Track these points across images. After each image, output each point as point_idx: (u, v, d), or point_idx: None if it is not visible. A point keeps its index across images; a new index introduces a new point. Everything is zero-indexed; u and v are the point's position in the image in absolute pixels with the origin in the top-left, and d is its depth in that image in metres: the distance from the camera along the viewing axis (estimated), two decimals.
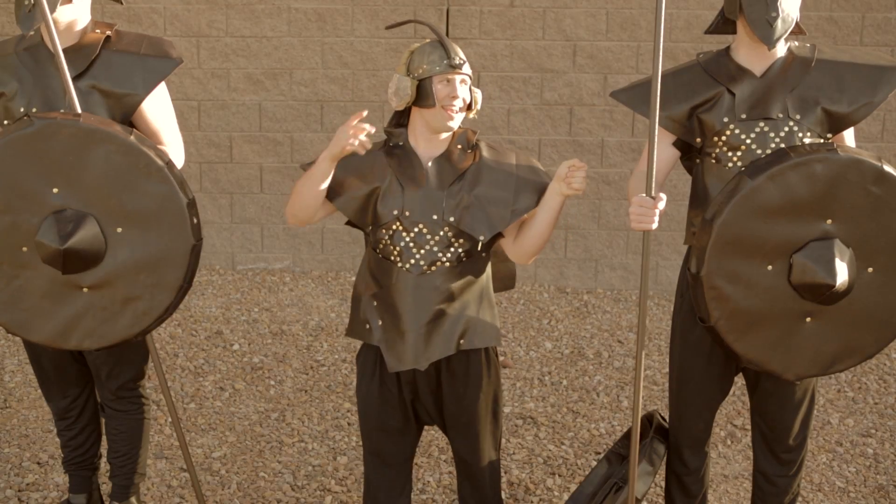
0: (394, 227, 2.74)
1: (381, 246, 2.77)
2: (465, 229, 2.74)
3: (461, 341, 2.78)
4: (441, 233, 2.73)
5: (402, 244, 2.74)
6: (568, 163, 2.66)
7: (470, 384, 2.84)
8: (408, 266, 2.74)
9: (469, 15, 5.74)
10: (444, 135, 2.78)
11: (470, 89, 2.75)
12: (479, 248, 2.79)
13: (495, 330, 2.86)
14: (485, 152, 2.82)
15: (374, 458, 2.94)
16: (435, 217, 2.73)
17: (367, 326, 2.80)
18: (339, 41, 5.84)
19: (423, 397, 2.87)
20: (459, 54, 2.73)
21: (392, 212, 2.73)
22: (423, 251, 2.73)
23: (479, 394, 2.85)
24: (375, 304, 2.79)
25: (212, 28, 5.83)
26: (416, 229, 2.73)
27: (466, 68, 2.72)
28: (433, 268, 2.75)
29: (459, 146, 2.80)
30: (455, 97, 2.69)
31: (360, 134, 2.57)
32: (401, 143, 2.80)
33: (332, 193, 2.77)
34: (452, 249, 2.75)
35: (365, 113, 2.60)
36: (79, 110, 2.72)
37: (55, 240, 2.65)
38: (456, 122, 2.72)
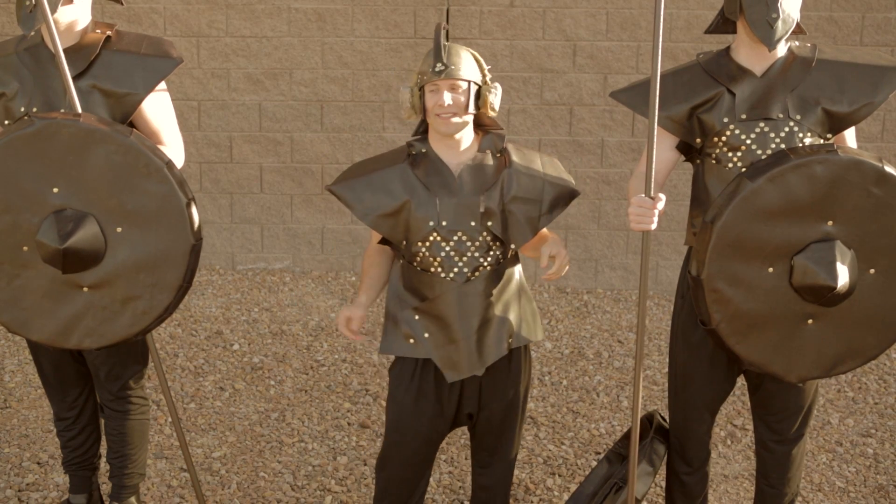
0: (430, 238, 2.72)
1: (418, 258, 2.75)
2: (501, 235, 2.74)
3: (510, 340, 2.80)
4: (480, 238, 2.73)
5: (443, 254, 2.72)
6: (548, 253, 2.68)
7: (511, 379, 2.86)
8: (452, 275, 2.73)
9: (469, 15, 5.74)
10: (467, 139, 2.75)
11: (469, 91, 2.67)
12: (512, 252, 2.80)
13: (538, 323, 2.88)
14: (514, 156, 2.80)
15: (403, 465, 2.91)
16: (473, 223, 2.71)
17: (412, 341, 2.79)
18: (339, 41, 5.84)
19: (468, 400, 2.87)
20: (444, 59, 2.67)
21: (428, 223, 2.71)
22: (465, 258, 2.73)
23: (520, 387, 2.89)
24: (417, 318, 2.78)
25: (212, 28, 5.83)
26: (455, 237, 2.71)
27: (454, 73, 2.65)
28: (476, 273, 2.74)
29: (489, 151, 2.78)
30: (440, 105, 2.65)
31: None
32: (424, 151, 2.77)
33: (361, 214, 2.76)
34: (492, 253, 2.75)
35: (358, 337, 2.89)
36: (79, 110, 2.72)
37: (55, 239, 2.65)
38: (453, 127, 2.68)
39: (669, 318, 5.38)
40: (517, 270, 2.85)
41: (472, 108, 2.68)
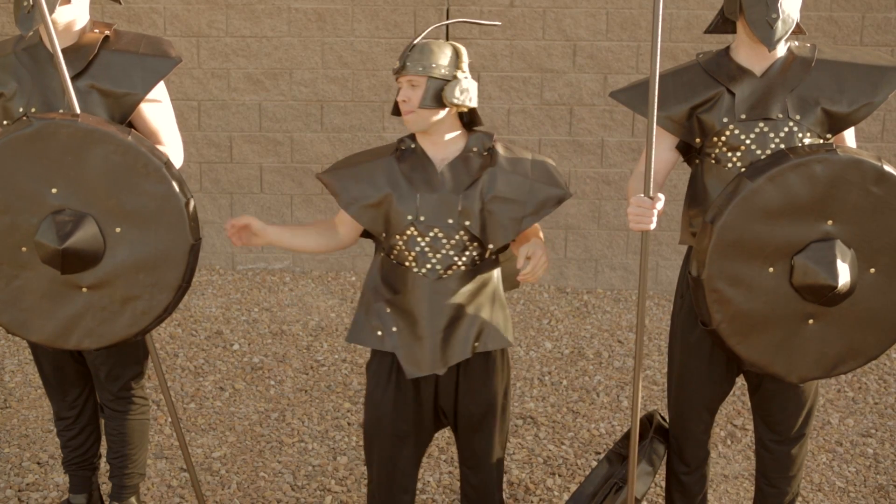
0: (408, 232, 2.73)
1: (395, 252, 2.76)
2: (479, 235, 2.74)
3: (476, 344, 2.79)
4: (457, 237, 2.73)
5: (418, 249, 2.73)
6: (525, 254, 2.64)
7: (487, 381, 2.85)
8: (424, 271, 2.73)
9: (469, 15, 5.74)
10: (449, 135, 2.76)
11: (425, 86, 2.68)
12: (491, 254, 2.80)
13: (508, 330, 2.87)
14: (501, 155, 2.78)
15: (385, 464, 2.91)
16: (450, 221, 2.72)
17: (379, 333, 2.79)
18: (339, 41, 5.84)
19: (443, 398, 2.87)
20: (405, 57, 2.70)
21: (406, 217, 2.72)
22: (439, 255, 2.73)
23: (495, 390, 2.87)
24: (389, 310, 2.78)
25: (212, 28, 5.83)
26: (431, 233, 2.72)
27: (409, 69, 2.68)
28: (449, 272, 2.74)
29: (475, 149, 2.77)
30: (401, 101, 2.71)
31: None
32: (412, 147, 2.79)
33: (345, 203, 2.78)
34: (468, 253, 2.75)
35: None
36: (77, 110, 2.71)
37: (54, 240, 2.65)
38: (412, 123, 2.71)
39: (669, 318, 5.39)
40: (495, 275, 2.83)
41: (426, 104, 2.68)
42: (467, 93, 2.70)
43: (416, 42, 2.71)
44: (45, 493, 3.63)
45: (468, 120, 2.84)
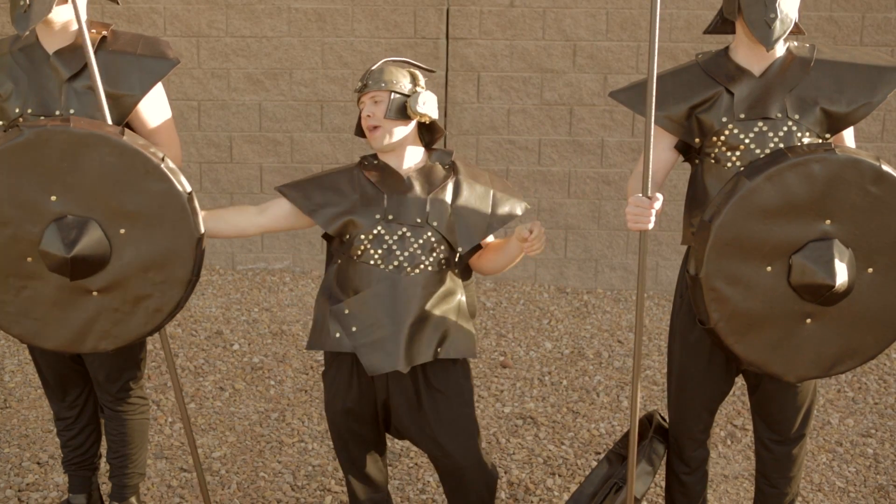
0: (375, 230, 2.78)
1: (359, 252, 2.80)
2: (447, 237, 2.81)
3: (439, 349, 2.81)
4: (424, 236, 2.79)
5: (385, 247, 2.78)
6: (526, 227, 2.73)
7: (451, 392, 2.87)
8: (391, 268, 2.77)
9: (469, 15, 5.74)
10: (411, 151, 2.87)
11: (388, 101, 2.80)
12: (457, 258, 2.87)
13: (472, 342, 2.89)
14: (461, 168, 2.92)
15: (358, 464, 3.02)
16: (419, 220, 2.79)
17: (337, 335, 2.80)
18: (339, 41, 5.84)
19: (396, 408, 2.89)
20: (365, 78, 2.84)
21: (374, 216, 2.78)
22: (406, 253, 2.78)
23: (461, 399, 2.89)
24: (347, 311, 2.80)
25: (212, 28, 5.83)
26: (400, 232, 2.78)
27: (376, 86, 2.82)
28: (416, 270, 2.78)
29: (437, 163, 2.91)
30: (366, 116, 2.82)
31: None
32: (375, 163, 2.89)
33: (308, 210, 2.84)
34: (434, 254, 2.80)
35: None
36: (109, 120, 2.72)
37: (61, 248, 2.63)
38: (379, 139, 2.82)
39: (669, 318, 5.38)
40: (460, 292, 2.89)
41: (390, 115, 2.80)
42: (428, 104, 2.83)
43: (373, 68, 2.87)
44: (45, 493, 3.64)
45: (427, 140, 2.96)
